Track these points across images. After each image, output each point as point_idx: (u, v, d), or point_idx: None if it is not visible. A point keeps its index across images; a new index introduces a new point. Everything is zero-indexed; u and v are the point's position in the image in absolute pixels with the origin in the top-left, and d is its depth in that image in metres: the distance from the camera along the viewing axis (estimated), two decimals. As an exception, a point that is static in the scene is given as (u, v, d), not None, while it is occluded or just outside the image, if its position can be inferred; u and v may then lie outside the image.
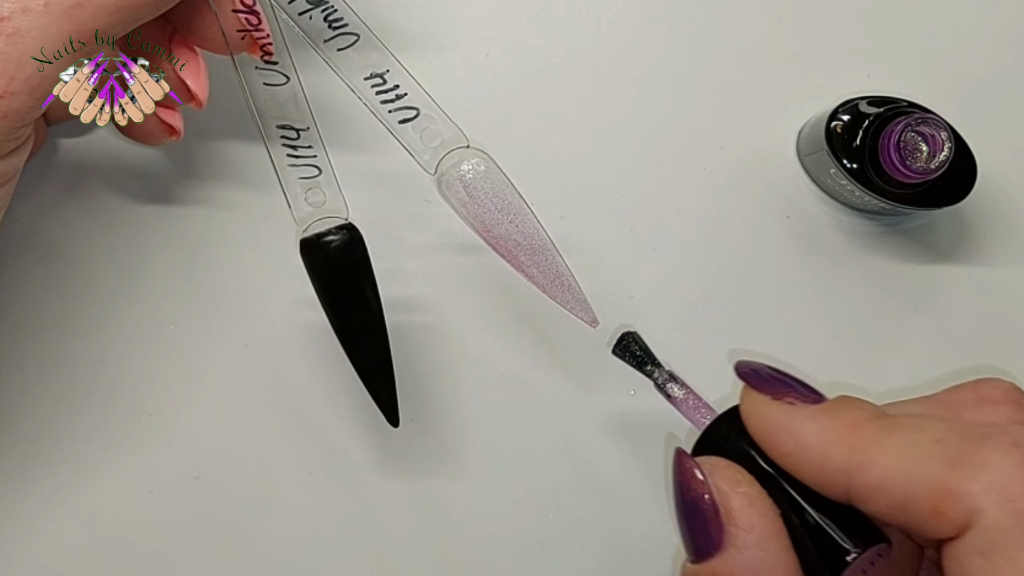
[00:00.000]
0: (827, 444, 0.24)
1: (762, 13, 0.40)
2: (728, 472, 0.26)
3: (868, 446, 0.24)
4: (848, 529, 0.25)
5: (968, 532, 0.22)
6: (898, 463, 0.23)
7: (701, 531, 0.25)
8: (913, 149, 0.35)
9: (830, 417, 0.25)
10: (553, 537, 0.38)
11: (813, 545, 0.25)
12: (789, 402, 0.26)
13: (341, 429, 0.38)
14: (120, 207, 0.38)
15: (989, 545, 0.22)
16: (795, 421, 0.25)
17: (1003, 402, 0.26)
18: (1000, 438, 0.23)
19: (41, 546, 0.37)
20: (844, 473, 0.24)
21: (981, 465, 0.22)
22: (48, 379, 0.37)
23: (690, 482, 0.26)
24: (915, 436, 0.24)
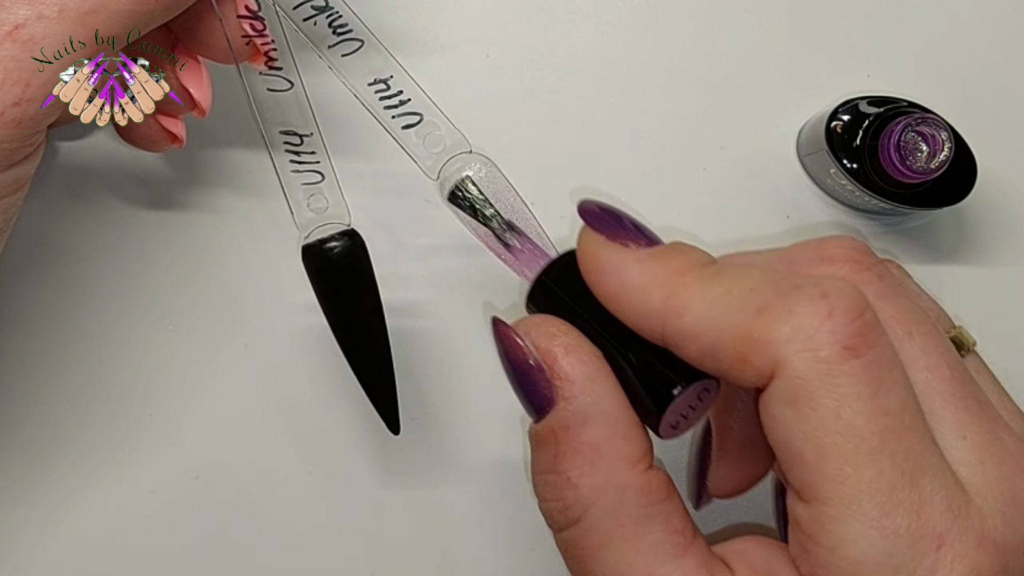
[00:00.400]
0: (648, 287, 0.24)
1: (762, 13, 0.40)
2: (543, 327, 0.26)
3: (685, 292, 0.24)
4: (675, 368, 0.25)
5: (774, 381, 0.23)
6: (709, 310, 0.23)
7: (532, 391, 0.25)
8: (913, 149, 0.35)
9: (656, 261, 0.25)
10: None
11: (640, 383, 0.25)
12: (623, 244, 0.25)
13: (341, 431, 0.38)
14: (121, 210, 0.38)
15: (794, 396, 0.22)
16: (623, 263, 0.25)
17: (843, 260, 0.26)
18: (810, 288, 0.23)
19: (41, 546, 0.37)
20: (660, 316, 0.24)
21: (786, 314, 0.22)
22: (48, 379, 0.37)
23: (510, 347, 0.26)
24: (730, 285, 0.24)
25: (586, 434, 0.25)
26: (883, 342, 0.23)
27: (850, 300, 0.23)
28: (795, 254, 0.27)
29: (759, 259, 0.27)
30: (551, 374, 0.25)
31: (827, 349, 0.22)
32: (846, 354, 0.22)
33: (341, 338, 0.32)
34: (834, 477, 0.22)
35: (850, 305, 0.23)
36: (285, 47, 0.32)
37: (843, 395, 0.22)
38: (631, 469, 0.25)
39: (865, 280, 0.26)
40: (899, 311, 0.25)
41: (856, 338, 0.22)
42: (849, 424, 0.22)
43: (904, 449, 0.22)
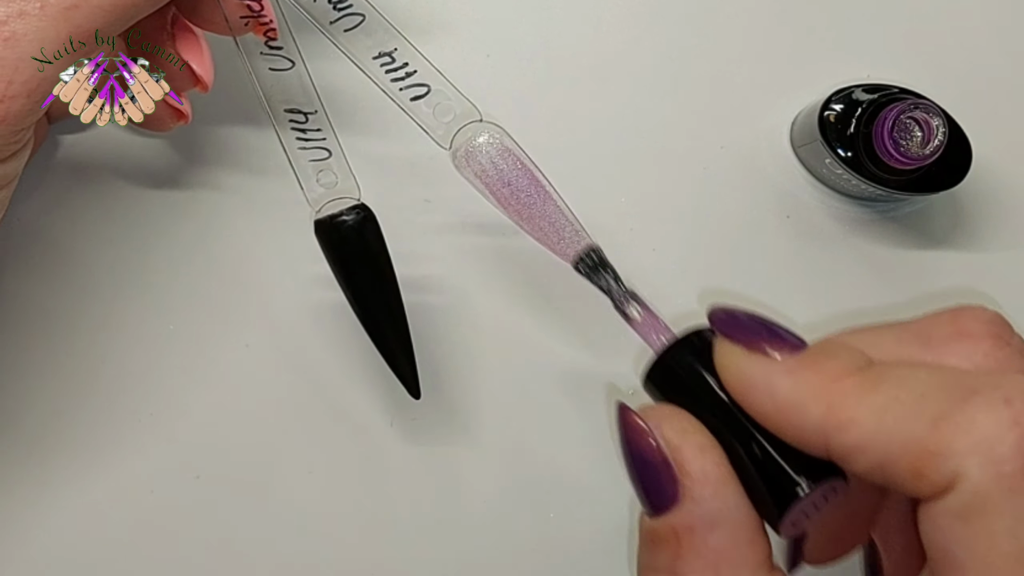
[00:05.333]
0: (804, 401, 0.22)
1: (758, 11, 0.40)
2: (675, 422, 0.24)
3: (848, 403, 0.22)
4: (800, 465, 0.23)
5: (948, 494, 0.21)
6: (879, 422, 0.21)
7: (654, 486, 0.24)
8: (907, 135, 0.35)
9: (809, 370, 0.23)
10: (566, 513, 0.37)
11: (763, 483, 0.24)
12: (765, 353, 0.24)
13: (344, 426, 0.37)
14: (121, 206, 0.37)
15: (968, 510, 0.20)
16: (771, 376, 0.23)
17: (982, 336, 0.24)
18: (989, 393, 0.21)
19: (41, 546, 0.36)
20: (823, 432, 0.22)
21: (966, 424, 0.21)
22: (49, 379, 0.36)
23: (636, 436, 0.24)
24: (897, 392, 0.22)
25: (712, 539, 0.23)
26: None
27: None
28: (929, 330, 0.25)
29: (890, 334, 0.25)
30: (680, 471, 0.23)
31: (1011, 464, 0.20)
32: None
33: (358, 307, 0.31)
34: None
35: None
36: (285, 27, 0.32)
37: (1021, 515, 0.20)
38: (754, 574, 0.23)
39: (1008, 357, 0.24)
40: None
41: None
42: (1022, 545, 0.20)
43: None
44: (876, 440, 0.22)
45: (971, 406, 0.21)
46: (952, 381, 0.22)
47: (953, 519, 0.21)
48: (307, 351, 0.37)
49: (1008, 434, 0.20)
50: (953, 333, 0.24)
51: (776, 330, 0.24)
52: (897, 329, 0.25)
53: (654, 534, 0.24)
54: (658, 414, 0.25)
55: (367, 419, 0.37)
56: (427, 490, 0.37)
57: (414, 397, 0.32)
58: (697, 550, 0.23)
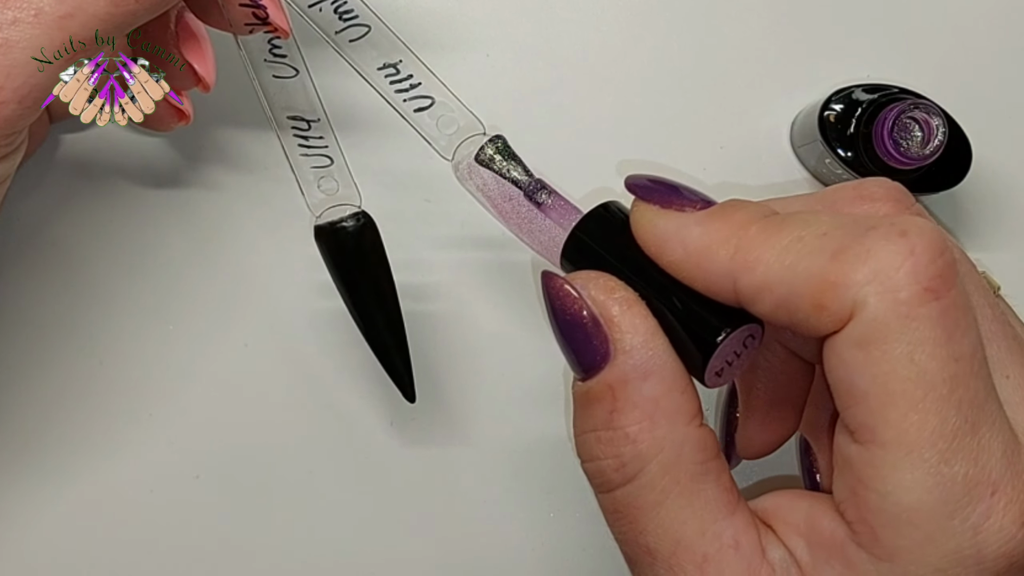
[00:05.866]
0: (712, 247, 0.23)
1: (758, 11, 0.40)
2: (600, 281, 0.25)
3: (753, 245, 0.23)
4: (719, 313, 0.24)
5: (848, 325, 0.21)
6: (782, 259, 0.22)
7: (585, 346, 0.24)
8: (907, 135, 0.35)
9: (718, 220, 0.24)
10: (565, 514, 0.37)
11: (684, 331, 0.24)
12: (679, 209, 0.24)
13: (343, 426, 0.37)
14: (120, 205, 0.37)
15: (867, 336, 0.21)
16: (683, 227, 0.24)
17: (883, 199, 0.25)
18: (887, 228, 0.22)
19: (41, 546, 0.36)
20: (730, 274, 0.23)
21: (865, 255, 0.21)
22: (48, 378, 0.36)
23: (564, 300, 0.25)
24: (800, 231, 0.22)
25: (646, 389, 0.24)
26: (959, 280, 0.22)
27: (931, 239, 0.21)
28: (833, 195, 0.26)
29: (797, 203, 0.26)
30: (609, 327, 0.24)
31: (907, 290, 0.21)
32: (926, 296, 0.21)
33: (356, 312, 0.31)
34: (897, 423, 0.21)
35: (931, 244, 0.21)
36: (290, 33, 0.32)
37: (919, 339, 0.21)
38: (688, 424, 0.24)
39: None
40: None
41: (937, 279, 0.21)
42: (921, 370, 0.21)
43: (970, 397, 0.21)
44: (780, 277, 0.22)
45: (868, 239, 0.21)
46: (852, 220, 0.23)
47: (854, 348, 0.21)
48: (307, 351, 0.37)
49: (904, 262, 0.21)
50: (856, 197, 0.25)
51: (688, 191, 0.25)
52: (803, 197, 0.26)
53: (588, 394, 0.24)
54: (582, 277, 0.25)
55: (367, 419, 0.37)
56: (426, 490, 0.37)
57: (409, 401, 0.32)
58: (632, 400, 0.24)
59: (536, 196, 0.29)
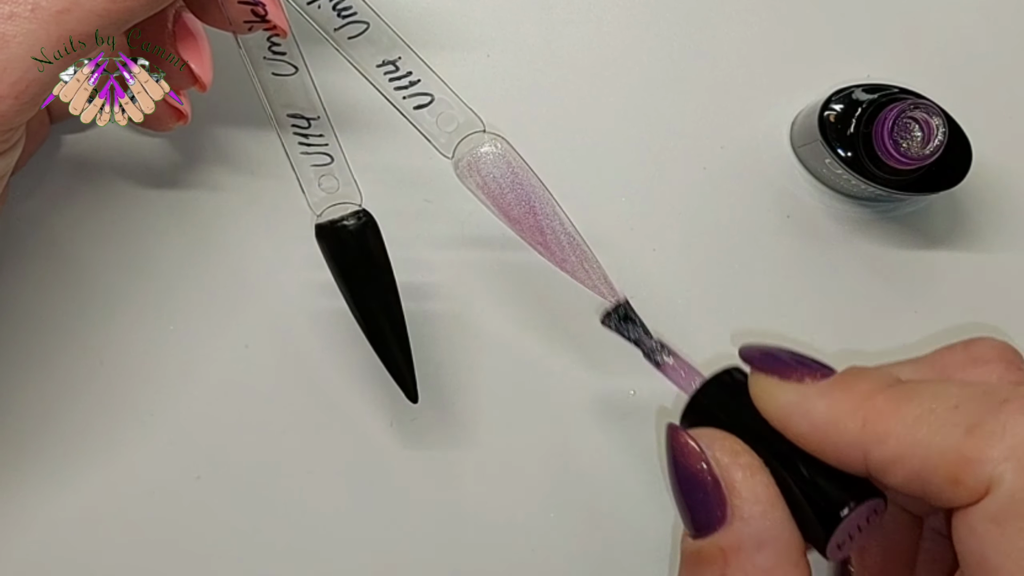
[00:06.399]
0: (841, 419, 0.23)
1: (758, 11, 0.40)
2: (726, 443, 0.25)
3: (882, 417, 0.23)
4: (842, 487, 0.24)
5: (984, 499, 0.21)
6: (914, 432, 0.22)
7: (702, 506, 0.24)
8: (907, 135, 0.35)
9: (841, 391, 0.24)
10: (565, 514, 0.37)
11: (808, 505, 0.24)
12: (798, 380, 0.25)
13: (344, 427, 0.37)
14: (121, 205, 0.37)
15: (1004, 513, 0.21)
16: (806, 400, 0.24)
17: (995, 361, 0.25)
18: (1020, 401, 0.22)
19: (41, 546, 0.36)
20: (860, 447, 0.23)
21: (1000, 431, 0.21)
22: (48, 378, 0.36)
23: (688, 456, 0.25)
24: (931, 403, 0.23)
25: (759, 559, 0.23)
26: None
27: None
28: (943, 358, 0.26)
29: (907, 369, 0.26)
30: (729, 491, 0.24)
31: None
32: None
33: (358, 311, 0.31)
34: None
35: None
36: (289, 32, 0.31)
37: None
38: None
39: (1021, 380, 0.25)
40: None
41: None
42: None
43: None
44: (913, 450, 0.22)
45: (1003, 413, 0.22)
46: (982, 392, 0.23)
47: (989, 523, 0.21)
48: (307, 351, 0.37)
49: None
50: (967, 360, 0.25)
51: (805, 360, 0.25)
52: (912, 362, 0.26)
53: (699, 555, 0.24)
54: (708, 436, 0.25)
55: (367, 420, 0.37)
56: (427, 491, 0.37)
57: (411, 401, 0.32)
58: (744, 569, 0.24)
59: (655, 356, 0.29)
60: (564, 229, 0.29)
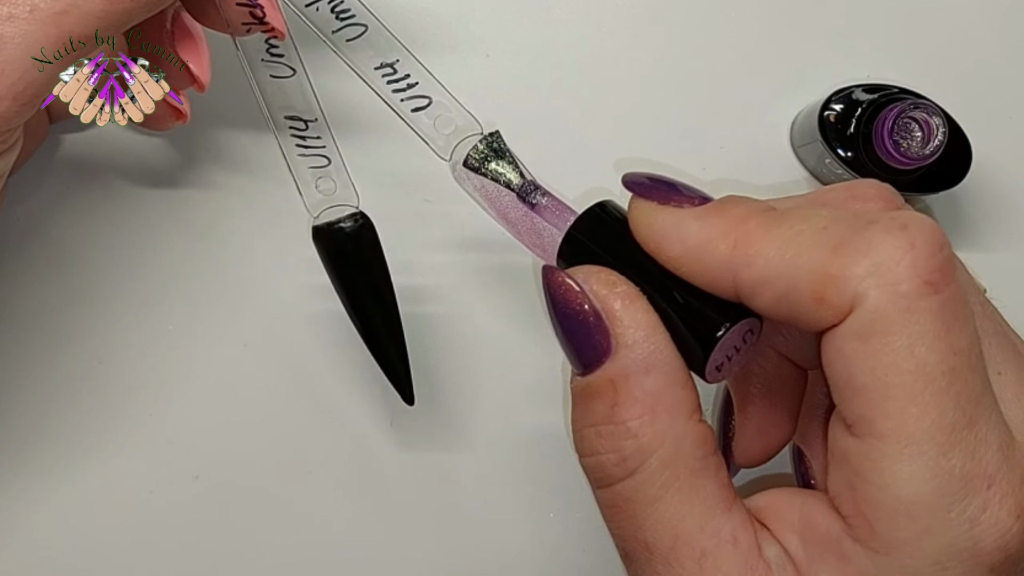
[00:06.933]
0: (712, 241, 0.23)
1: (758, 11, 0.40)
2: (602, 275, 0.25)
3: (753, 239, 0.23)
4: (717, 310, 0.24)
5: (849, 318, 0.21)
6: (782, 253, 0.22)
7: (586, 340, 0.24)
8: (907, 135, 0.35)
9: (716, 215, 0.24)
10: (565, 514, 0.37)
11: (684, 326, 0.24)
12: (676, 205, 0.24)
13: (343, 427, 0.37)
14: (120, 205, 0.37)
15: (868, 330, 0.21)
16: (681, 223, 0.24)
17: (875, 199, 0.25)
18: (886, 221, 0.22)
19: (41, 546, 0.36)
20: (730, 268, 0.23)
21: (865, 248, 0.21)
22: (47, 379, 0.36)
23: (566, 294, 0.25)
24: (801, 226, 0.22)
25: (647, 383, 0.24)
26: (958, 274, 0.22)
27: (931, 233, 0.22)
28: (825, 196, 0.26)
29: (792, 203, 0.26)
30: (611, 321, 0.24)
31: (907, 284, 0.21)
32: (926, 289, 0.21)
33: (354, 313, 0.31)
34: (896, 415, 0.21)
35: (931, 238, 0.22)
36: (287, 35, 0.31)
37: (919, 332, 0.21)
38: (689, 419, 0.24)
39: None
40: None
41: (936, 272, 0.21)
42: (921, 363, 0.21)
43: (968, 391, 0.21)
44: (780, 270, 0.22)
45: (869, 232, 0.22)
46: (851, 215, 0.23)
47: (854, 341, 0.21)
48: (306, 351, 0.37)
49: (905, 256, 0.21)
50: (848, 197, 0.25)
51: (685, 188, 0.25)
52: (796, 198, 0.26)
53: (588, 389, 0.24)
54: (584, 271, 0.25)
55: (366, 420, 0.37)
56: (426, 491, 0.37)
57: (408, 403, 0.32)
58: (634, 395, 0.24)
59: (529, 197, 0.29)
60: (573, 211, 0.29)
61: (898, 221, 0.22)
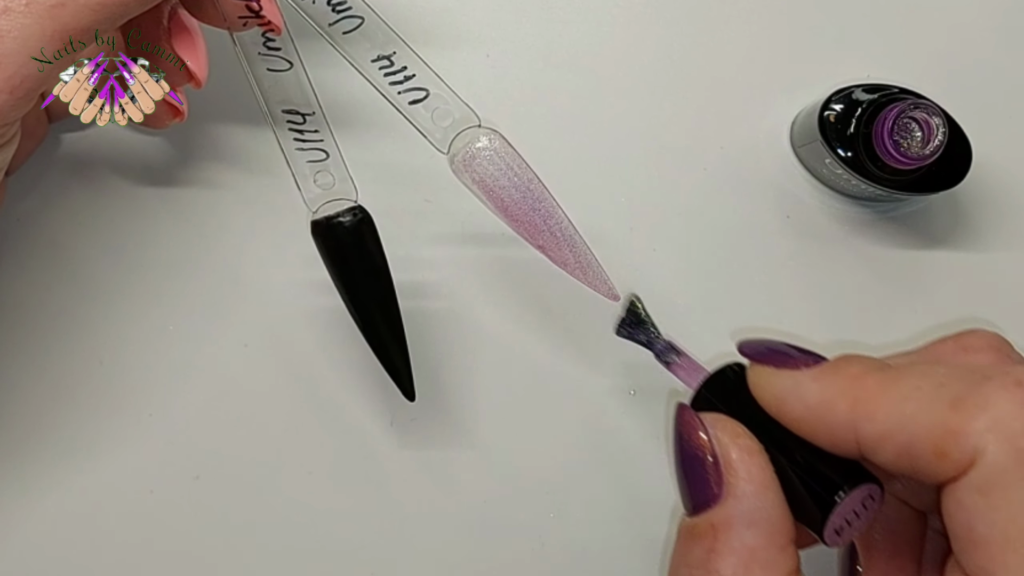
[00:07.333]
0: (832, 400, 0.24)
1: (758, 11, 0.40)
2: (728, 425, 0.26)
3: (872, 396, 0.24)
4: (838, 472, 0.25)
5: (969, 472, 0.22)
6: (902, 409, 0.23)
7: (701, 482, 0.25)
8: (907, 135, 0.35)
9: (833, 375, 0.25)
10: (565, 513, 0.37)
11: (804, 487, 0.25)
12: (793, 368, 0.25)
13: (343, 427, 0.37)
14: (119, 203, 0.37)
15: (988, 483, 0.22)
16: (800, 385, 0.25)
17: (985, 350, 0.26)
18: (1002, 378, 0.23)
19: (40, 546, 0.36)
20: (851, 426, 0.24)
21: (983, 404, 0.22)
22: (47, 379, 0.36)
23: (691, 434, 0.26)
24: (918, 382, 0.23)
25: (748, 537, 0.24)
26: None
27: None
28: (936, 349, 0.27)
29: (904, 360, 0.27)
30: (727, 470, 0.25)
31: None
32: None
33: (354, 308, 0.31)
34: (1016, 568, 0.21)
35: None
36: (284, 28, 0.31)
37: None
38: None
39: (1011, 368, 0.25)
40: None
41: None
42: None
43: None
44: (900, 426, 0.23)
45: (986, 388, 0.22)
46: (967, 371, 0.23)
47: (975, 495, 0.22)
48: (306, 350, 0.37)
49: (1021, 411, 0.22)
50: (958, 350, 0.26)
51: (799, 350, 0.26)
52: (905, 354, 0.27)
53: (692, 530, 0.25)
54: (712, 417, 0.26)
55: (367, 419, 0.37)
56: (426, 490, 0.37)
57: (408, 399, 0.32)
58: (732, 546, 0.24)
59: (665, 356, 0.30)
60: (559, 223, 0.29)
61: (1013, 376, 0.22)
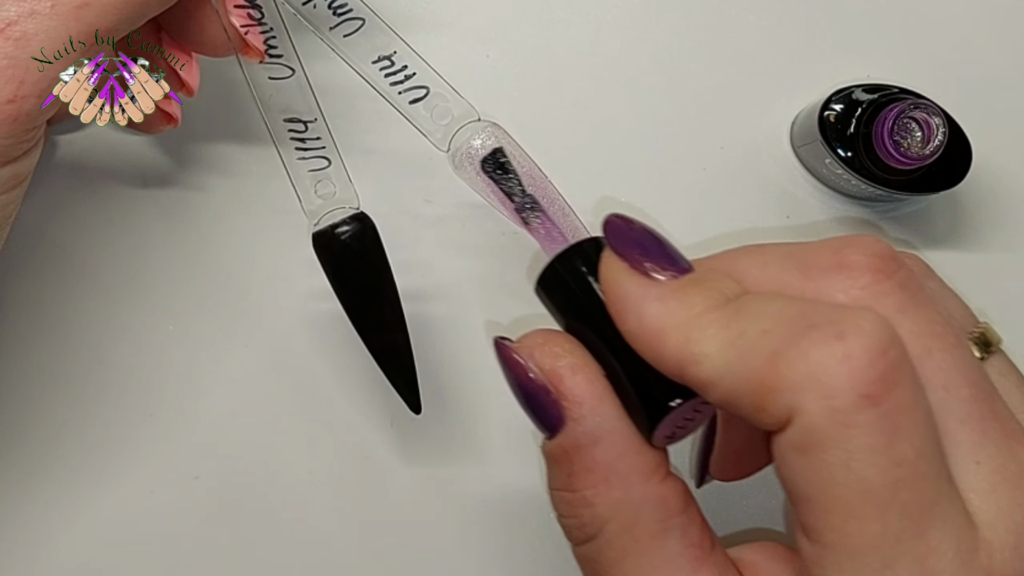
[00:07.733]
0: (665, 331, 0.22)
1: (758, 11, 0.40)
2: (547, 347, 0.24)
3: (702, 338, 0.22)
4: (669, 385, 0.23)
5: (788, 428, 0.21)
6: (723, 357, 0.22)
7: (540, 413, 0.24)
8: (907, 135, 0.35)
9: (678, 301, 0.23)
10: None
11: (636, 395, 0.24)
12: (646, 274, 0.23)
13: (344, 427, 0.37)
14: (120, 206, 0.37)
15: (805, 443, 0.21)
16: (643, 300, 0.23)
17: (863, 269, 0.23)
18: (825, 328, 0.21)
19: (40, 546, 0.36)
20: (677, 363, 0.22)
21: (799, 359, 0.21)
22: (48, 379, 0.36)
23: (514, 369, 0.25)
24: (745, 325, 0.22)
25: (598, 453, 0.24)
26: (906, 380, 0.21)
27: (870, 340, 0.21)
28: (812, 257, 0.24)
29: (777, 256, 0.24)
30: (558, 395, 0.24)
31: (842, 398, 0.20)
32: (863, 403, 0.20)
33: (358, 321, 0.31)
34: (838, 528, 0.21)
35: (870, 346, 0.21)
36: (284, 34, 0.31)
37: (855, 447, 0.20)
38: (646, 483, 0.24)
39: (886, 291, 0.23)
40: (919, 324, 0.23)
41: (875, 384, 0.20)
42: (859, 478, 0.20)
43: (915, 499, 0.21)
44: (721, 376, 0.22)
45: (805, 341, 0.21)
46: (796, 316, 0.22)
47: (794, 452, 0.21)
48: (307, 352, 0.37)
49: (839, 368, 0.20)
50: (834, 264, 0.23)
51: (665, 250, 0.24)
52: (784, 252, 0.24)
53: (550, 455, 0.24)
54: (530, 343, 0.25)
55: (367, 420, 0.37)
56: (427, 490, 0.37)
57: (414, 412, 0.32)
58: (586, 465, 0.24)
59: (524, 214, 0.29)
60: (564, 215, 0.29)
61: (837, 328, 0.21)
